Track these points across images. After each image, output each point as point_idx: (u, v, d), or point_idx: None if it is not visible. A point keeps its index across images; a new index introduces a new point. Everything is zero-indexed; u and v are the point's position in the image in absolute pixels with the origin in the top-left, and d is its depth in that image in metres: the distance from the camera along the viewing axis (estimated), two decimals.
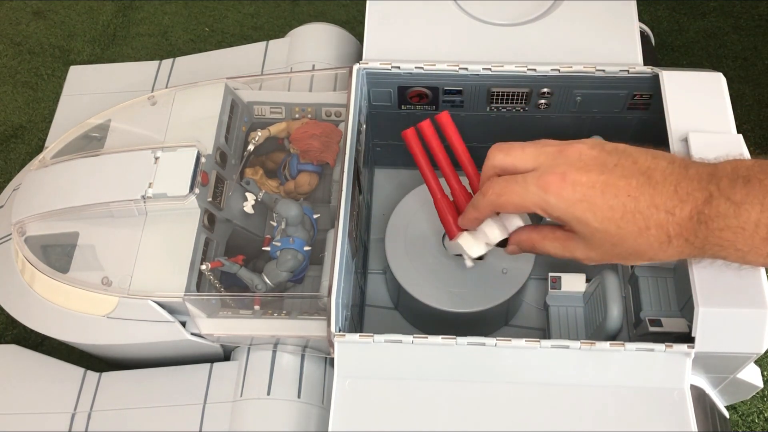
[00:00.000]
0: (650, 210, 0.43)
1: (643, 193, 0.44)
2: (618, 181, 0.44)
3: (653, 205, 0.43)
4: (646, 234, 0.44)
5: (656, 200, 0.43)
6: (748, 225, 0.41)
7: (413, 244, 0.64)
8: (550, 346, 0.51)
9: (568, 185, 0.45)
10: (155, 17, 1.03)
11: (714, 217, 0.42)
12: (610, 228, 0.44)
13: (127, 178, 0.60)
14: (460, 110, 0.67)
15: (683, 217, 0.43)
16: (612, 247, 0.46)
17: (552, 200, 0.45)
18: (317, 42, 0.76)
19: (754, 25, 0.97)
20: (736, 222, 0.42)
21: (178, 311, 0.58)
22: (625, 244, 0.45)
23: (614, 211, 0.44)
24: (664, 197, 0.43)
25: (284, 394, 0.56)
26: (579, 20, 0.65)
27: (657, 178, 0.44)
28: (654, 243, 0.44)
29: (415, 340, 0.51)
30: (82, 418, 0.58)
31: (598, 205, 0.44)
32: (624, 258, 0.47)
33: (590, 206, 0.44)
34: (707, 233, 0.42)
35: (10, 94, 0.95)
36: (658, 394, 0.50)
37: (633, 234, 0.44)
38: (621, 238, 0.45)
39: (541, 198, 0.45)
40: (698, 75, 0.60)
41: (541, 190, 0.45)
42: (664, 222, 0.43)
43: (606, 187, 0.44)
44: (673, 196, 0.43)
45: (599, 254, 0.47)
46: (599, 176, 0.44)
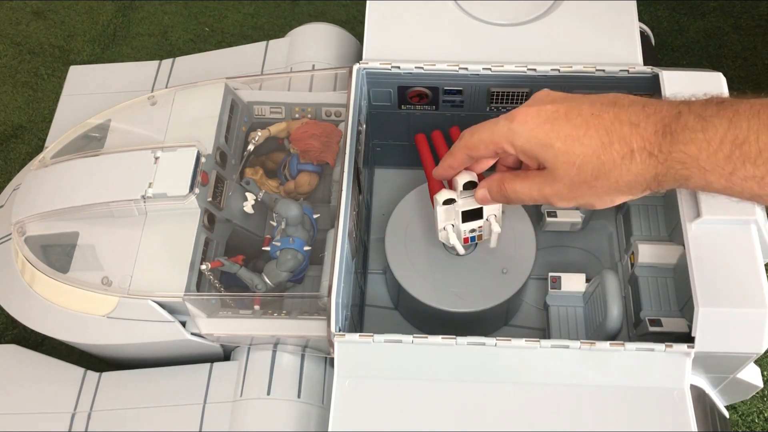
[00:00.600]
0: (614, 124, 0.43)
1: (608, 111, 0.44)
2: (582, 105, 0.45)
3: (617, 119, 0.43)
4: (608, 149, 0.43)
5: (621, 116, 0.43)
6: (713, 140, 0.41)
7: (413, 244, 0.64)
8: (550, 346, 0.51)
9: (533, 112, 0.46)
10: (155, 17, 1.03)
11: (681, 130, 0.41)
12: (573, 147, 0.44)
13: (127, 178, 0.60)
14: (460, 110, 0.67)
15: (648, 130, 0.42)
16: (576, 172, 0.45)
17: (517, 127, 0.46)
18: (317, 42, 0.76)
19: (754, 25, 0.97)
20: (702, 135, 0.41)
21: (178, 311, 0.58)
22: (588, 163, 0.44)
23: (577, 128, 0.44)
24: (630, 113, 0.43)
25: (284, 394, 0.56)
26: (579, 20, 0.65)
27: (624, 102, 0.44)
28: (617, 157, 0.43)
29: (415, 340, 0.51)
30: (82, 418, 0.58)
31: (561, 126, 0.45)
32: (589, 185, 0.45)
33: (553, 127, 0.45)
34: (671, 147, 0.42)
35: (10, 94, 0.95)
36: (658, 394, 0.50)
37: (595, 149, 0.44)
38: (584, 157, 0.44)
39: (508, 128, 0.46)
40: (698, 75, 0.60)
41: (507, 121, 0.47)
42: (627, 134, 0.43)
43: (570, 110, 0.45)
44: (640, 112, 0.43)
45: (566, 185, 0.46)
46: (563, 103, 0.45)
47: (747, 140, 0.40)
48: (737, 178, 0.41)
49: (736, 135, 0.40)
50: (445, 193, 0.55)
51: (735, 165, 0.40)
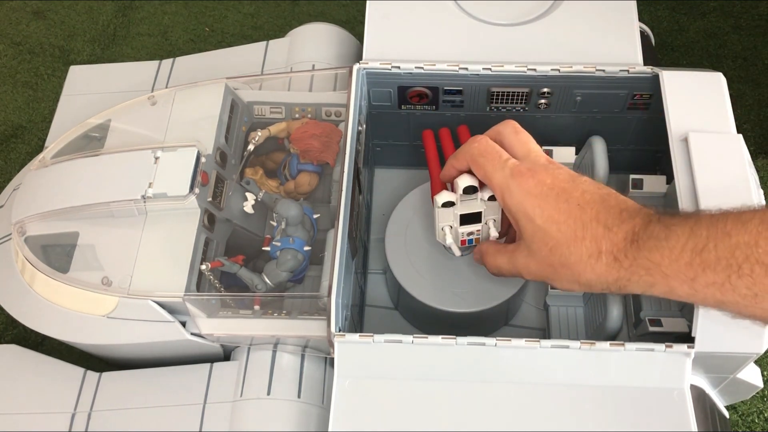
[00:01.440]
0: (591, 222, 0.46)
1: (593, 207, 0.46)
2: (574, 192, 0.47)
3: (596, 218, 0.46)
4: (580, 243, 0.46)
5: (600, 216, 0.46)
6: (675, 247, 0.43)
7: (413, 244, 0.64)
8: (550, 346, 0.51)
9: (532, 180, 0.48)
10: (155, 17, 1.03)
11: (647, 239, 0.44)
12: (551, 229, 0.47)
13: (127, 178, 0.60)
14: (460, 110, 0.67)
15: (619, 236, 0.45)
16: (548, 253, 0.48)
17: (513, 186, 0.48)
18: (317, 42, 0.76)
19: (754, 25, 0.97)
20: (665, 243, 0.43)
21: (178, 311, 0.58)
22: (559, 250, 0.47)
23: (560, 213, 0.47)
24: (608, 215, 0.46)
25: (284, 394, 0.56)
26: (579, 20, 0.65)
27: (611, 202, 0.47)
28: (584, 254, 0.46)
29: (415, 340, 0.51)
30: (82, 418, 0.58)
31: (548, 205, 0.47)
32: (555, 271, 0.48)
33: (540, 204, 0.47)
34: (636, 253, 0.44)
35: (10, 94, 0.95)
36: (658, 394, 0.50)
37: (568, 239, 0.46)
38: (557, 242, 0.47)
39: (506, 182, 0.49)
40: (698, 75, 0.60)
41: (509, 174, 0.49)
42: (600, 236, 0.46)
43: (561, 193, 0.47)
44: (617, 216, 0.46)
45: (537, 262, 0.49)
46: (562, 184, 0.48)
47: (706, 247, 0.42)
48: (699, 285, 0.43)
49: (696, 243, 0.42)
50: (445, 195, 0.55)
51: (696, 271, 0.42)
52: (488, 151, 0.51)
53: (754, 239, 0.40)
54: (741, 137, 0.56)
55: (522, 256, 0.50)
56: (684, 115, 0.57)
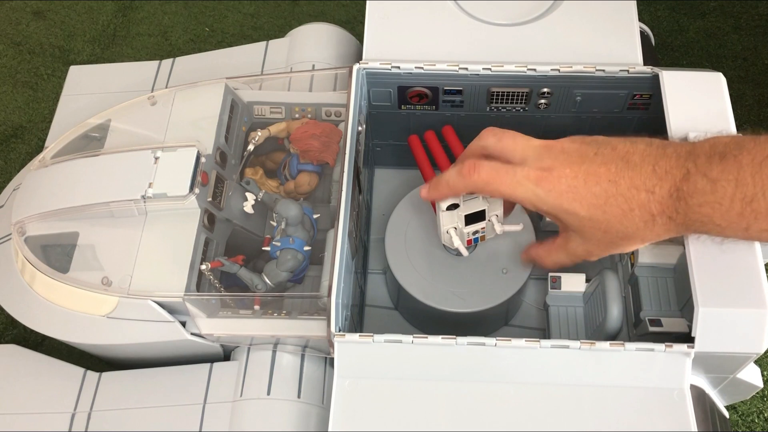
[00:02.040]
0: (631, 192, 0.45)
1: (623, 176, 0.45)
2: (598, 168, 0.46)
3: (633, 186, 0.45)
4: (630, 216, 0.45)
5: (636, 181, 0.45)
6: (724, 200, 0.42)
7: (413, 244, 0.64)
8: (550, 346, 0.51)
9: (554, 178, 0.47)
10: (155, 17, 1.03)
11: (692, 194, 0.43)
12: (596, 214, 0.46)
13: (127, 178, 0.60)
14: (460, 110, 0.67)
15: (663, 195, 0.44)
16: (603, 235, 0.47)
17: (542, 193, 0.47)
18: (317, 42, 0.76)
19: (754, 25, 0.97)
20: (713, 198, 0.43)
21: (178, 311, 0.58)
22: (613, 228, 0.46)
23: (598, 197, 0.46)
24: (644, 177, 0.45)
25: (284, 394, 0.56)
26: (579, 20, 0.65)
27: (635, 160, 0.45)
28: (639, 223, 0.46)
29: (415, 340, 0.51)
30: (82, 418, 0.58)
31: (582, 194, 0.46)
32: (617, 244, 0.48)
33: (576, 196, 0.46)
34: (687, 209, 0.44)
35: (10, 94, 0.95)
36: (658, 394, 0.50)
37: (618, 217, 0.46)
38: (608, 223, 0.46)
39: (532, 192, 0.48)
40: (698, 75, 0.60)
41: (532, 184, 0.48)
42: (646, 202, 0.45)
43: (588, 176, 0.46)
44: (652, 175, 0.45)
45: (596, 245, 0.49)
46: (581, 166, 0.46)
47: (755, 197, 0.41)
48: (753, 232, 0.43)
49: (744, 193, 0.42)
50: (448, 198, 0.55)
51: (748, 221, 0.42)
52: (491, 177, 0.49)
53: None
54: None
55: (578, 245, 0.50)
56: (684, 115, 0.57)
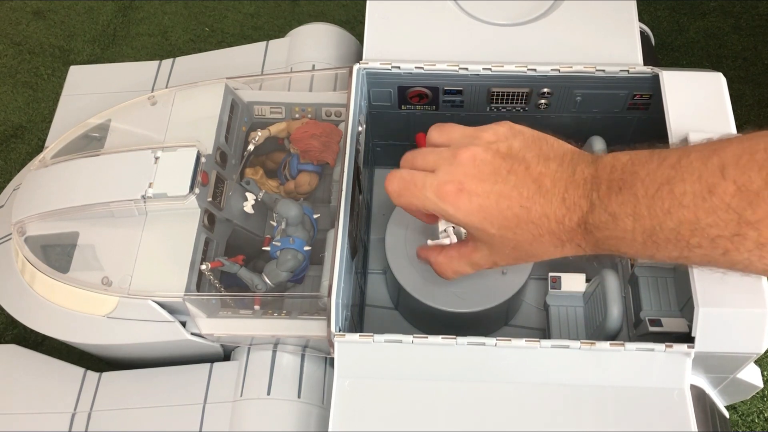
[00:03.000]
0: (542, 220, 0.45)
1: (535, 203, 0.45)
2: (511, 192, 0.45)
3: (544, 215, 0.45)
4: (540, 240, 0.46)
5: (546, 210, 0.45)
6: (626, 234, 0.43)
7: (413, 244, 0.64)
8: (550, 346, 0.51)
9: (464, 196, 0.46)
10: (155, 17, 1.03)
11: (597, 226, 0.44)
12: (507, 234, 0.46)
13: (127, 178, 0.60)
14: (460, 110, 0.67)
15: (572, 226, 0.45)
16: (513, 251, 0.48)
17: (450, 210, 0.47)
18: (317, 42, 0.76)
19: (754, 25, 0.97)
20: (615, 232, 0.43)
21: (178, 311, 0.58)
22: (523, 248, 0.47)
23: (509, 220, 0.46)
24: (554, 206, 0.45)
25: (284, 394, 0.56)
26: (579, 20, 0.65)
27: (547, 185, 0.45)
28: (549, 247, 0.46)
29: (415, 340, 0.51)
30: (82, 418, 0.58)
31: (494, 215, 0.46)
32: (525, 259, 0.49)
33: (487, 215, 0.46)
34: (595, 240, 0.45)
35: (10, 94, 0.95)
36: (658, 394, 0.50)
37: (528, 240, 0.46)
38: (518, 242, 0.47)
39: (440, 207, 0.47)
40: (698, 75, 0.60)
41: (438, 199, 0.47)
42: (556, 230, 0.45)
43: (500, 198, 0.46)
44: (561, 205, 0.45)
45: (504, 257, 0.49)
46: (493, 186, 0.46)
47: (654, 230, 0.42)
48: (660, 257, 0.43)
49: (643, 227, 0.42)
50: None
51: (652, 251, 0.43)
52: (401, 187, 0.49)
53: (694, 215, 0.40)
54: None
55: (485, 256, 0.50)
56: (684, 115, 0.57)
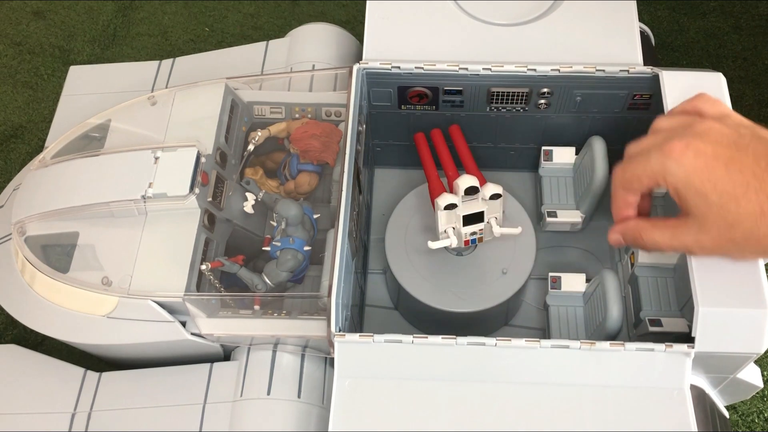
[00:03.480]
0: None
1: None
2: (746, 158, 0.42)
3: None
4: (766, 219, 0.42)
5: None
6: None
7: (413, 244, 0.64)
8: (550, 346, 0.51)
9: (690, 152, 0.43)
10: (155, 17, 1.03)
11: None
12: (729, 205, 0.42)
13: (127, 178, 0.60)
14: (460, 110, 0.67)
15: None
16: (728, 229, 0.43)
17: (672, 166, 0.43)
18: (317, 42, 0.76)
19: (754, 25, 0.97)
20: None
21: (178, 311, 0.58)
22: (743, 226, 0.42)
23: (737, 186, 0.42)
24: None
25: (284, 394, 0.56)
26: (579, 20, 0.65)
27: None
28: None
29: (415, 340, 0.51)
30: (82, 418, 0.58)
31: (719, 177, 0.42)
32: (738, 245, 0.44)
33: (711, 177, 0.42)
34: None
35: (10, 94, 0.95)
36: (658, 394, 0.50)
37: (753, 216, 0.42)
38: (739, 218, 0.42)
39: (662, 164, 0.44)
40: (698, 75, 0.60)
41: (662, 155, 0.44)
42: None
43: (731, 162, 0.42)
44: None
45: (712, 238, 0.44)
46: (725, 150, 0.43)
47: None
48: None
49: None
50: (447, 197, 0.55)
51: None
52: (627, 164, 0.47)
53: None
54: None
55: (691, 232, 0.45)
56: None
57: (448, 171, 0.61)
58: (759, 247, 0.43)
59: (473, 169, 0.60)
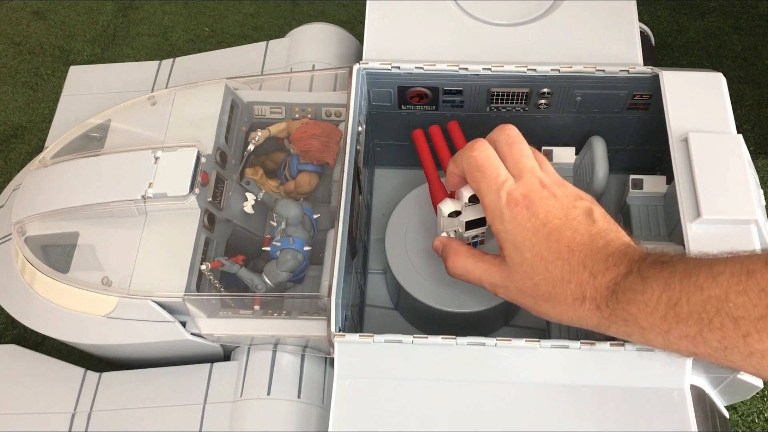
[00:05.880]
0: (578, 266, 0.46)
1: (581, 250, 0.46)
2: (566, 232, 0.47)
3: (583, 263, 0.46)
4: (566, 285, 0.46)
5: (587, 260, 0.46)
6: (650, 301, 0.43)
7: (413, 244, 0.64)
8: (550, 346, 0.51)
9: (528, 213, 0.47)
10: (155, 17, 1.03)
11: (624, 291, 0.44)
12: (539, 265, 0.47)
13: (127, 178, 0.60)
14: (460, 110, 0.67)
15: (602, 283, 0.45)
16: (532, 286, 0.48)
17: (506, 215, 0.48)
18: (317, 42, 0.76)
19: (754, 25, 0.97)
20: (641, 297, 0.44)
21: (178, 311, 0.58)
22: (545, 286, 0.47)
23: (550, 252, 0.47)
24: (594, 261, 0.46)
25: (284, 394, 0.56)
26: (579, 20, 0.65)
27: (599, 244, 0.46)
28: (569, 297, 0.47)
29: (415, 340, 0.51)
30: (82, 418, 0.58)
31: (539, 241, 0.47)
32: (536, 300, 0.49)
33: (531, 238, 0.47)
34: (615, 305, 0.45)
35: (10, 94, 0.95)
36: (658, 394, 0.50)
37: (555, 279, 0.47)
38: (544, 278, 0.47)
39: (500, 208, 0.48)
40: (698, 75, 0.60)
41: (504, 201, 0.48)
42: (585, 282, 0.46)
43: (554, 231, 0.47)
44: (603, 263, 0.46)
45: (517, 289, 0.49)
46: (555, 221, 0.47)
47: (679, 301, 0.42)
48: (673, 337, 0.43)
49: (670, 296, 0.43)
50: (450, 204, 0.55)
51: (670, 324, 0.43)
52: (485, 166, 0.49)
53: (725, 293, 0.41)
54: (741, 137, 0.56)
55: (501, 275, 0.50)
56: (684, 115, 0.57)
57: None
58: (556, 312, 0.48)
59: None
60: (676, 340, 0.44)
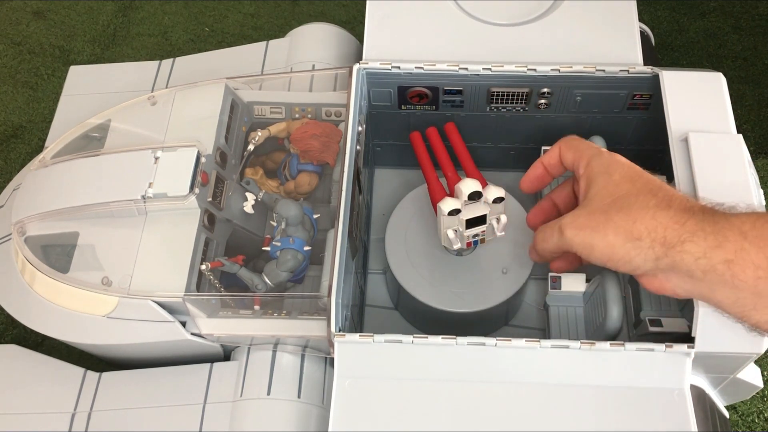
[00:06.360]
0: (665, 187, 0.47)
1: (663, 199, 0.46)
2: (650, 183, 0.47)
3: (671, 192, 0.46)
4: (651, 196, 0.46)
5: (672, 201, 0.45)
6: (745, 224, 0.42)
7: (413, 244, 0.64)
8: (550, 346, 0.51)
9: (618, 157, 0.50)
10: (155, 17, 1.03)
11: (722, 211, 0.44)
12: (625, 184, 0.47)
13: (127, 178, 0.60)
14: (460, 110, 0.67)
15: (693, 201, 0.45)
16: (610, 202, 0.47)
17: (605, 155, 0.50)
18: (317, 42, 0.76)
19: (754, 25, 0.97)
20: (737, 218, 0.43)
21: (178, 311, 0.58)
22: (626, 199, 0.46)
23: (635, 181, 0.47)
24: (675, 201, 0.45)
25: (284, 394, 0.56)
26: (579, 20, 0.65)
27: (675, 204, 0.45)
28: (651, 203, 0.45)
29: (415, 340, 0.51)
30: (82, 418, 0.58)
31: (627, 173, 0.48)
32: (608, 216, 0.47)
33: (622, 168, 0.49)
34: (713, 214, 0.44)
35: (10, 94, 0.95)
36: (658, 394, 0.50)
37: (640, 191, 0.46)
38: (626, 193, 0.47)
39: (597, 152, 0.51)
40: (698, 75, 0.60)
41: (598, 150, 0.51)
42: (673, 194, 0.46)
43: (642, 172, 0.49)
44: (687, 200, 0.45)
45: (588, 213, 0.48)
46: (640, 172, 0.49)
47: None
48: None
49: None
50: (450, 202, 0.55)
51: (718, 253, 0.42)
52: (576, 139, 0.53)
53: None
54: (741, 137, 0.56)
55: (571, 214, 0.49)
56: (684, 115, 0.57)
57: (447, 172, 0.60)
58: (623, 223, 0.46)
59: (472, 170, 0.60)
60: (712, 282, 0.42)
